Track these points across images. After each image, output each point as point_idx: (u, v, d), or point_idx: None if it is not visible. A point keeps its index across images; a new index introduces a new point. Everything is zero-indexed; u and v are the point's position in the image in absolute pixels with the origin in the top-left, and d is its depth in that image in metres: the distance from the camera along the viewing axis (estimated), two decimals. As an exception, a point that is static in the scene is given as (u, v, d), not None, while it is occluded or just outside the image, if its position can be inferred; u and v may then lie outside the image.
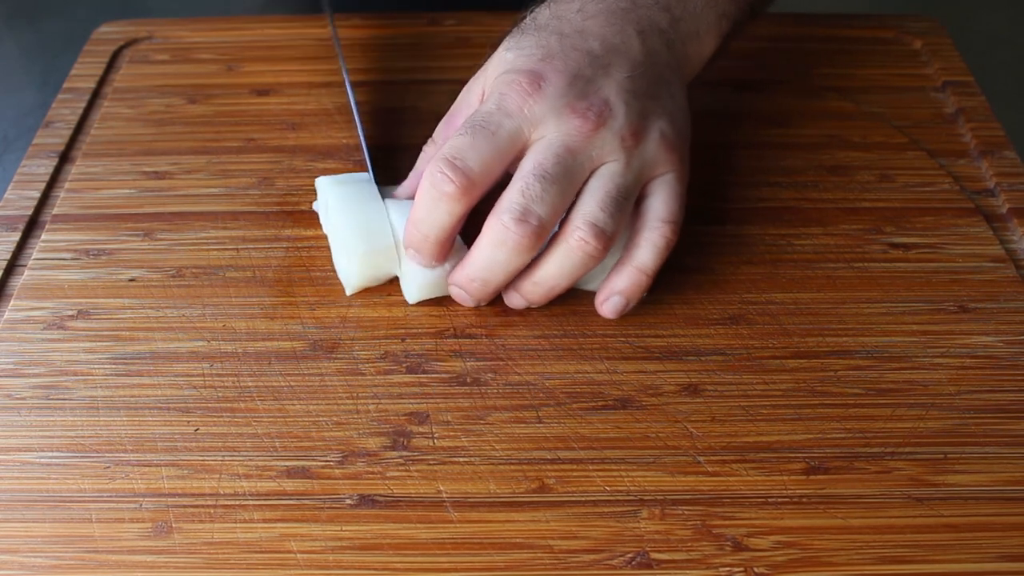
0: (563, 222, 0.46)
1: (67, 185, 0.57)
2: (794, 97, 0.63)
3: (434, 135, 0.53)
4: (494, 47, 0.51)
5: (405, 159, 0.58)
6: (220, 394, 0.46)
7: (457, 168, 0.45)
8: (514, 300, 0.49)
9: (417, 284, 0.49)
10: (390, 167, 0.58)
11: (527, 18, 0.51)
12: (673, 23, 0.50)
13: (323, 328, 0.49)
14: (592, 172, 0.46)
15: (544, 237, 0.45)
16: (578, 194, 0.46)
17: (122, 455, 0.44)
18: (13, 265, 0.53)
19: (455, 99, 0.58)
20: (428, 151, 0.53)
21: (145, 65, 0.67)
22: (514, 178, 0.45)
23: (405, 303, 0.50)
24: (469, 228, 0.47)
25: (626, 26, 0.49)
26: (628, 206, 0.46)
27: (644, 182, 0.47)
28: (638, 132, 0.47)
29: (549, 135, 0.46)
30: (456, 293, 0.49)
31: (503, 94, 0.46)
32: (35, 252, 0.53)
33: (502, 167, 0.46)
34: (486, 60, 0.51)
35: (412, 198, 0.50)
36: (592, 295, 0.50)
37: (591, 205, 0.45)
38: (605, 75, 0.47)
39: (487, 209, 0.46)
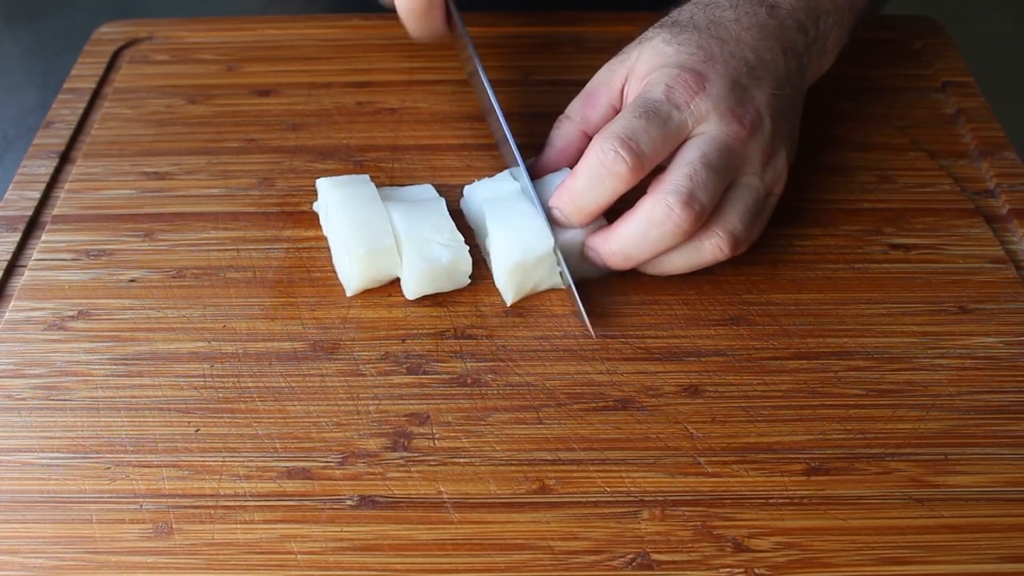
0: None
1: (67, 185, 0.57)
2: (794, 98, 0.63)
3: (568, 111, 0.53)
4: (638, 36, 0.52)
5: (406, 159, 0.59)
6: (220, 395, 0.46)
7: (631, 149, 0.46)
8: (618, 263, 0.49)
9: (417, 280, 0.49)
10: (391, 167, 0.58)
11: (681, 15, 0.52)
12: (807, 45, 0.53)
13: (323, 329, 0.49)
14: (736, 177, 0.48)
15: (700, 224, 0.47)
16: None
17: (122, 456, 0.44)
18: (13, 266, 0.53)
19: (455, 99, 0.59)
20: (565, 126, 0.53)
21: (145, 65, 0.67)
22: (678, 163, 0.47)
23: (405, 303, 0.50)
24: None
25: (774, 44, 0.51)
26: (759, 219, 0.49)
27: (766, 197, 0.50)
28: (773, 150, 0.49)
29: (711, 131, 0.47)
30: (592, 256, 0.50)
31: (670, 87, 0.47)
32: (35, 253, 0.53)
33: (666, 154, 0.47)
34: (629, 48, 0.52)
35: (551, 171, 0.52)
36: (593, 298, 0.50)
37: (733, 215, 0.48)
38: (758, 87, 0.49)
39: None
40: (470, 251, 0.50)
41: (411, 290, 0.49)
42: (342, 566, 0.40)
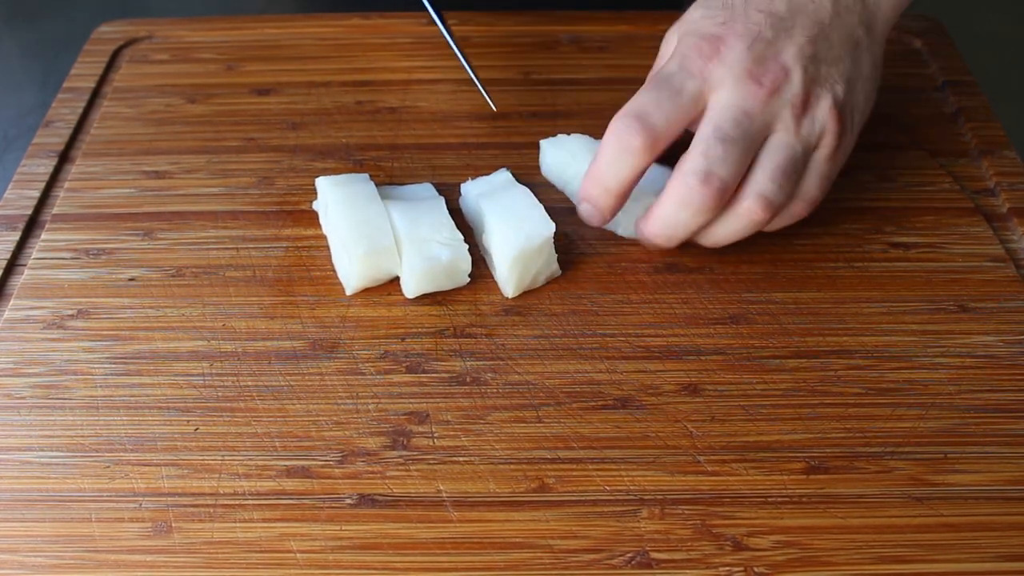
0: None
1: (67, 185, 0.57)
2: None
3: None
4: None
5: (406, 158, 0.59)
6: (220, 393, 0.46)
7: (643, 122, 0.46)
8: (664, 243, 0.50)
9: (416, 278, 0.49)
10: (391, 166, 0.58)
11: None
12: None
13: (323, 328, 0.49)
14: (765, 138, 0.48)
15: (726, 197, 0.47)
16: (752, 160, 0.47)
17: (122, 454, 0.44)
18: (13, 264, 0.53)
19: (455, 98, 0.58)
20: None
21: (145, 65, 0.67)
22: (695, 141, 0.47)
23: (405, 302, 0.50)
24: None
25: None
26: (796, 176, 0.48)
27: (810, 150, 0.49)
28: (809, 99, 0.48)
29: (725, 98, 0.47)
30: (642, 240, 0.51)
31: (685, 55, 0.48)
32: (35, 252, 0.53)
33: (683, 125, 0.48)
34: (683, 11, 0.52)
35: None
36: (593, 296, 0.50)
37: (762, 176, 0.47)
38: (787, 38, 0.48)
39: None
40: (469, 250, 0.50)
41: (410, 289, 0.49)
42: (341, 565, 0.40)
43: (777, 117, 0.47)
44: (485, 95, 0.58)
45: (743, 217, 0.48)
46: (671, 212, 0.48)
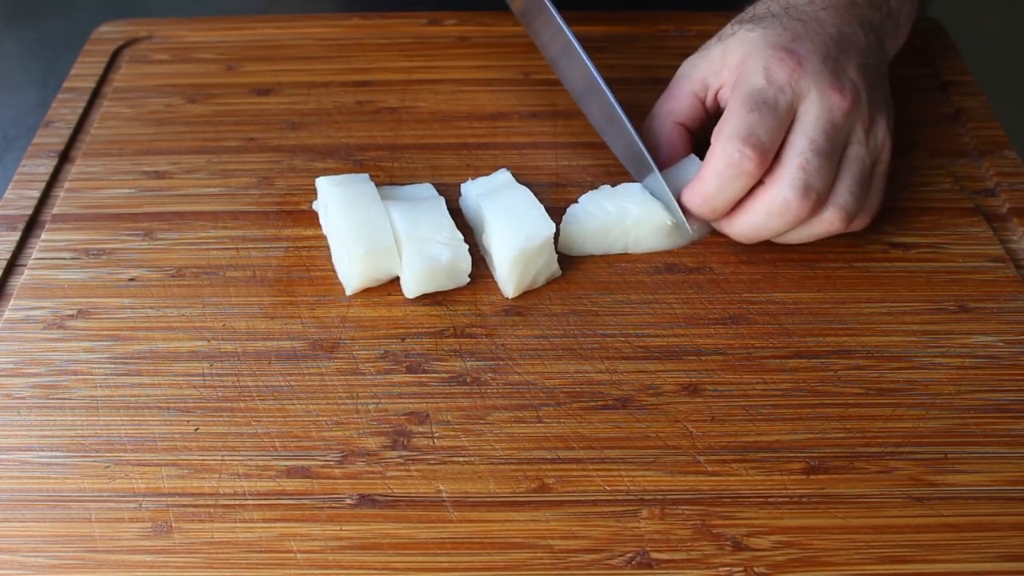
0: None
1: (67, 185, 0.57)
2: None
3: (653, 111, 0.55)
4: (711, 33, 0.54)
5: (406, 158, 0.59)
6: (220, 394, 0.46)
7: (754, 146, 0.47)
8: (743, 241, 0.51)
9: (416, 278, 0.49)
10: (391, 166, 0.58)
11: (756, 10, 0.54)
12: (883, 20, 0.54)
13: (323, 328, 0.49)
14: (844, 148, 0.49)
15: (820, 208, 0.49)
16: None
17: (122, 454, 0.44)
18: (13, 264, 0.53)
19: (455, 98, 0.58)
20: (655, 124, 0.55)
21: (145, 65, 0.67)
22: (789, 152, 0.48)
23: (405, 302, 0.50)
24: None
25: (851, 19, 0.52)
26: (868, 187, 0.50)
27: (874, 164, 0.51)
28: (873, 118, 0.50)
29: (815, 109, 0.48)
30: (719, 229, 0.52)
31: (768, 68, 0.49)
32: (35, 252, 0.53)
33: (782, 137, 0.49)
34: (709, 44, 0.54)
35: (669, 166, 0.53)
36: (593, 296, 0.50)
37: (843, 188, 0.49)
38: (847, 58, 0.50)
39: None
40: (469, 250, 0.50)
41: (410, 289, 0.49)
42: (341, 565, 0.40)
43: (853, 131, 0.49)
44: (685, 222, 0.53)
45: (823, 224, 0.49)
46: (762, 220, 0.49)
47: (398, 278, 0.51)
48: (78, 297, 0.51)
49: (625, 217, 0.51)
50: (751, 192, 0.49)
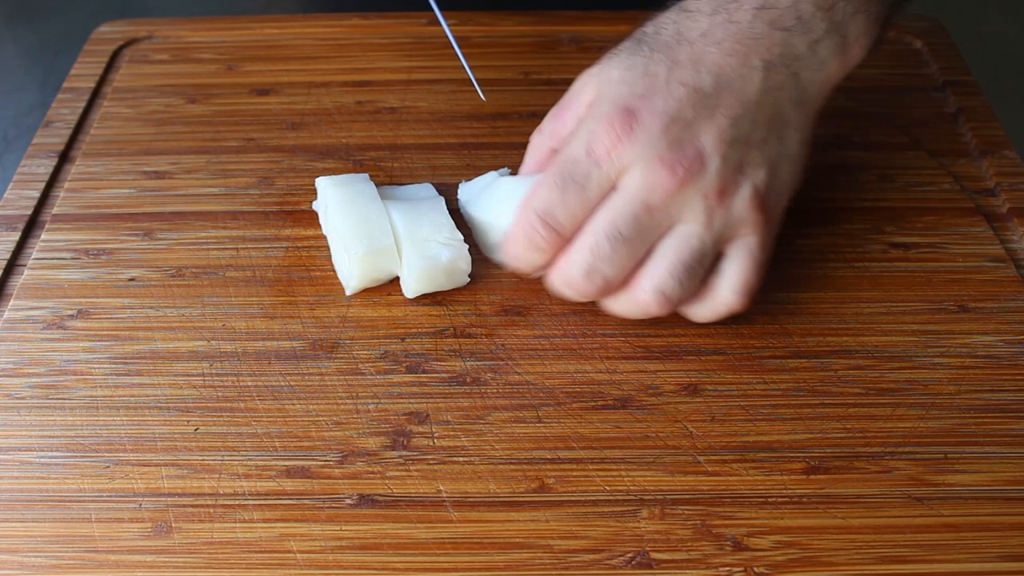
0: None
1: (67, 185, 0.57)
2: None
3: (541, 126, 0.51)
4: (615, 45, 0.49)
5: (406, 158, 0.59)
6: (220, 394, 0.46)
7: (548, 226, 0.45)
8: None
9: (416, 278, 0.49)
10: (391, 166, 0.58)
11: (653, 27, 0.48)
12: (812, 45, 0.46)
13: (323, 328, 0.49)
14: (669, 228, 0.44)
15: (611, 291, 0.46)
16: (651, 247, 0.45)
17: (122, 455, 0.44)
18: (13, 265, 0.53)
19: (455, 98, 0.58)
20: (535, 141, 0.52)
21: (145, 65, 0.67)
22: (586, 231, 0.45)
23: (405, 303, 0.50)
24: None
25: (751, 56, 0.45)
26: (701, 271, 0.45)
27: (723, 243, 0.45)
28: (727, 189, 0.44)
29: (630, 187, 0.44)
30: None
31: (594, 133, 0.44)
32: (35, 252, 0.53)
33: (590, 213, 0.45)
34: (604, 58, 0.48)
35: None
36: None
37: (662, 270, 0.44)
38: (708, 118, 0.44)
39: None
40: (469, 250, 0.50)
41: (410, 289, 0.49)
42: (341, 565, 0.40)
43: (687, 207, 0.44)
44: (476, 86, 0.57)
45: (638, 305, 0.46)
46: (558, 286, 0.47)
47: (398, 278, 0.51)
48: (78, 297, 0.51)
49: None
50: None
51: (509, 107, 0.62)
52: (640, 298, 0.45)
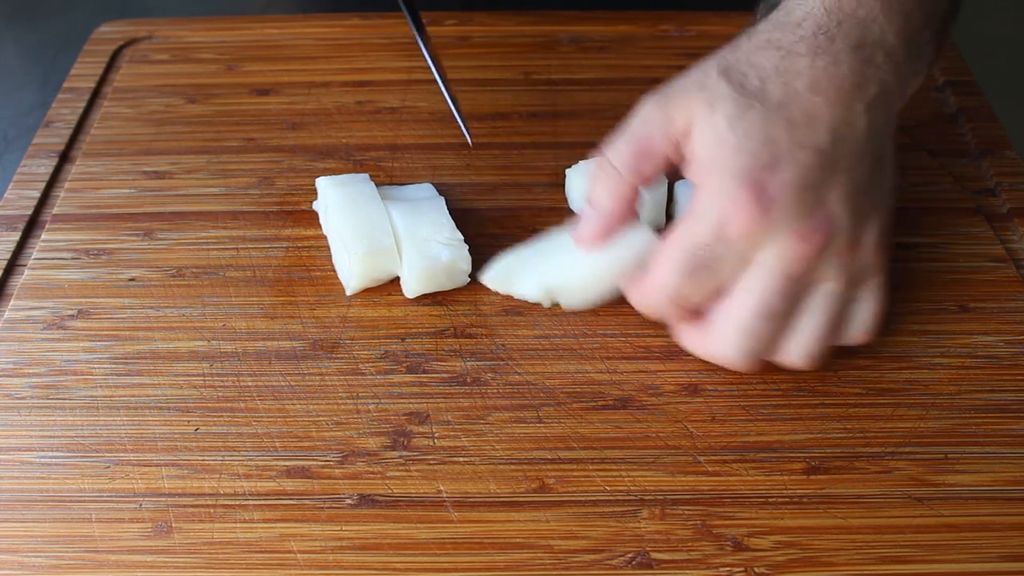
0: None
1: (67, 185, 0.57)
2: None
3: (614, 157, 0.46)
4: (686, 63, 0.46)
5: (406, 158, 0.59)
6: (220, 394, 0.46)
7: (680, 308, 0.44)
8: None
9: (416, 278, 0.49)
10: (391, 166, 0.58)
11: (751, 71, 0.44)
12: (898, 74, 0.46)
13: (323, 328, 0.49)
14: (808, 291, 0.44)
15: (761, 361, 0.45)
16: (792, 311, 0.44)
17: (122, 455, 0.44)
18: (13, 265, 0.53)
19: (455, 99, 0.58)
20: (615, 183, 0.46)
21: (145, 65, 0.67)
22: (738, 308, 0.43)
23: (405, 302, 0.50)
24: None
25: (855, 104, 0.44)
26: (842, 319, 0.45)
27: (853, 290, 0.45)
28: (856, 241, 0.44)
29: (770, 263, 0.43)
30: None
31: (724, 214, 0.42)
32: (35, 252, 0.53)
33: (725, 284, 0.44)
34: (686, 88, 0.45)
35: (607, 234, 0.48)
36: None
37: (808, 337, 0.44)
38: (832, 177, 0.43)
39: None
40: (469, 250, 0.50)
41: (411, 289, 0.49)
42: (341, 565, 0.40)
43: (823, 268, 0.43)
44: (463, 128, 0.56)
45: (787, 363, 0.45)
46: (701, 353, 0.46)
47: (398, 278, 0.51)
48: (78, 297, 0.51)
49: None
50: (702, 321, 0.45)
51: (509, 107, 0.62)
52: (788, 360, 0.45)
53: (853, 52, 0.44)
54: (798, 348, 0.44)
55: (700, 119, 0.44)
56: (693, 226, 0.43)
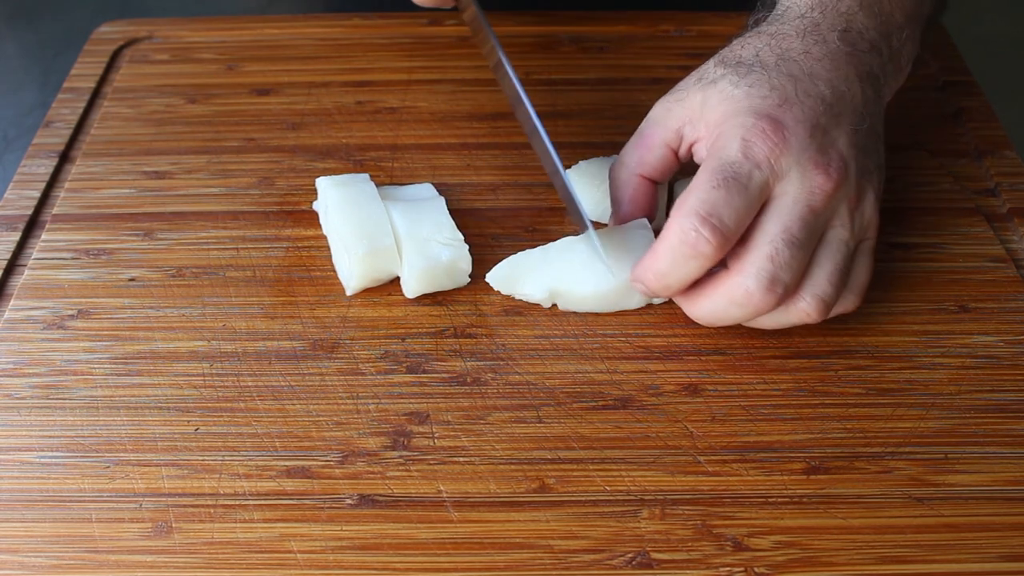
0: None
1: (67, 185, 0.57)
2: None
3: (622, 155, 0.50)
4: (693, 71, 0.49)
5: (406, 158, 0.59)
6: (220, 394, 0.46)
7: (714, 227, 0.43)
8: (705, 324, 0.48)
9: (416, 278, 0.49)
10: (391, 166, 0.58)
11: (744, 52, 0.48)
12: (882, 66, 0.49)
13: (323, 328, 0.49)
14: (824, 232, 0.45)
15: (786, 300, 0.44)
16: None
17: (122, 455, 0.44)
18: (13, 265, 0.53)
19: (455, 98, 0.58)
20: (622, 175, 0.50)
21: (145, 65, 0.67)
22: (759, 239, 0.44)
23: (405, 302, 0.50)
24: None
25: (849, 72, 0.47)
26: (849, 272, 0.46)
27: (859, 243, 0.46)
28: (860, 194, 0.46)
29: (793, 191, 0.44)
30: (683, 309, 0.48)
31: (746, 140, 0.44)
32: (35, 252, 0.53)
33: (751, 219, 0.44)
34: (687, 86, 0.48)
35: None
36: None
37: (822, 278, 0.45)
38: (837, 126, 0.45)
39: None
40: (470, 250, 0.50)
41: (411, 289, 0.49)
42: (341, 565, 0.40)
43: (836, 212, 0.45)
44: (583, 216, 0.49)
45: (797, 314, 0.45)
46: (723, 307, 0.45)
47: (398, 278, 0.51)
48: (78, 297, 0.51)
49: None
50: (713, 273, 0.45)
51: (509, 107, 0.62)
52: (800, 307, 0.45)
53: (840, 35, 0.48)
54: (809, 291, 0.44)
55: (701, 97, 0.47)
56: (720, 151, 0.45)
